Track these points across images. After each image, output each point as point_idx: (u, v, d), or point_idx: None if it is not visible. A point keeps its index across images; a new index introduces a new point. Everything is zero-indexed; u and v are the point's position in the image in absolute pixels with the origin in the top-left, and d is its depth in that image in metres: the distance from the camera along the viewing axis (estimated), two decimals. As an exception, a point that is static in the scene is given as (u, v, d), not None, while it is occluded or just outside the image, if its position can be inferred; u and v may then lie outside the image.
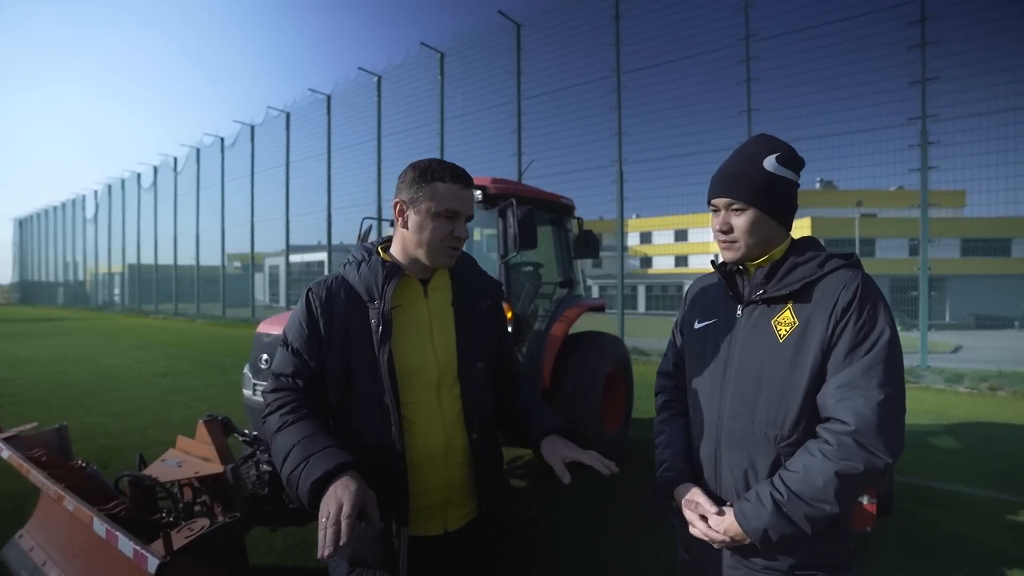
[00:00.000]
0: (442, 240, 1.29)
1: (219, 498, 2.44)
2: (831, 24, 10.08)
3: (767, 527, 1.08)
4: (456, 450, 1.34)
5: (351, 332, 1.28)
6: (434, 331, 1.35)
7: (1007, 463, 4.60)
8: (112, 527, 1.63)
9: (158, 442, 5.15)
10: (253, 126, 21.42)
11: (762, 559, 1.16)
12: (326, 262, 29.01)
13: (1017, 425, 6.01)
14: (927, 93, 8.83)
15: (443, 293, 1.41)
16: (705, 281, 1.43)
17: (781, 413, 1.14)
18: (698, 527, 1.20)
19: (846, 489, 1.05)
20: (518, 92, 13.89)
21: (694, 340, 1.35)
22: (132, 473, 2.33)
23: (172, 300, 27.57)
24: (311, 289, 1.33)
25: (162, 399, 7.19)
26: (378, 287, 1.29)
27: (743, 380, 1.20)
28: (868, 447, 1.04)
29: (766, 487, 1.12)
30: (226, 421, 2.67)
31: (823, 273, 1.15)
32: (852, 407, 1.05)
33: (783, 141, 1.21)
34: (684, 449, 1.33)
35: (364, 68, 16.83)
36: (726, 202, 1.20)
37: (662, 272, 36.87)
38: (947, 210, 16.24)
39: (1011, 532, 3.39)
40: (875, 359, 1.07)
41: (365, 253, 1.38)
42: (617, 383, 4.83)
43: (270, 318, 3.14)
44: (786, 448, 1.14)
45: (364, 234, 4.41)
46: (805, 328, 1.13)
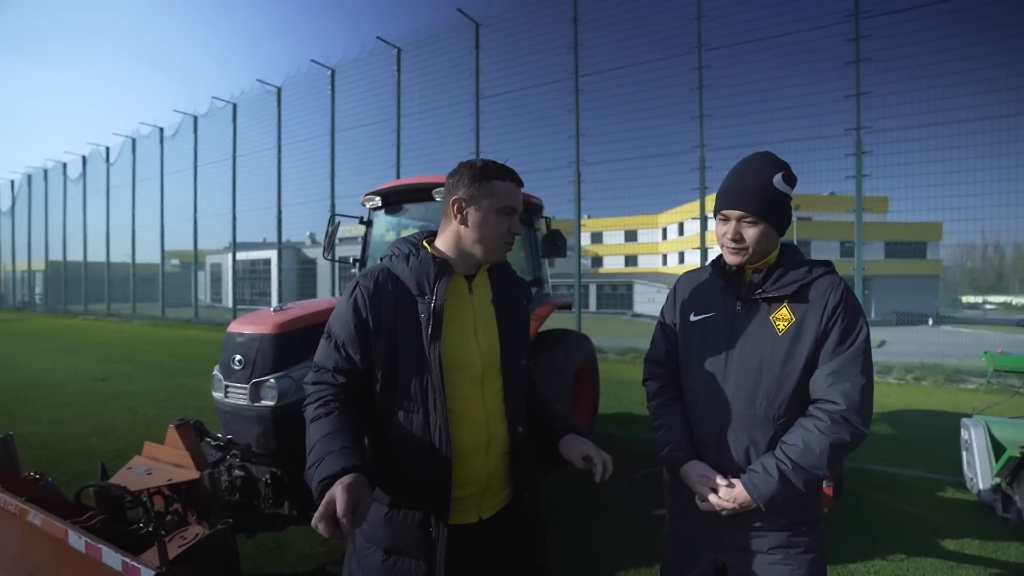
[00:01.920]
0: (502, 235, 1.35)
1: (193, 505, 2.35)
2: (776, 38, 10.66)
3: (775, 493, 1.26)
4: (497, 442, 1.37)
5: (399, 325, 1.28)
6: (478, 327, 1.38)
7: (934, 446, 5.04)
8: (93, 540, 1.55)
9: (103, 451, 4.86)
10: (196, 117, 20.34)
11: (760, 521, 1.33)
12: (274, 260, 27.93)
13: (940, 411, 6.57)
14: (861, 106, 9.49)
15: (484, 291, 1.45)
16: (692, 277, 1.57)
17: (779, 396, 1.32)
18: (710, 499, 1.32)
19: (836, 457, 1.26)
20: (476, 91, 13.85)
21: (690, 332, 1.48)
22: (99, 483, 2.20)
23: (104, 300, 25.79)
24: (358, 282, 1.33)
25: (102, 405, 6.75)
26: (429, 282, 1.30)
27: (745, 368, 1.35)
28: (853, 423, 1.25)
29: (770, 459, 1.29)
30: (198, 425, 2.57)
31: (813, 277, 1.34)
32: (842, 390, 1.26)
33: (783, 159, 1.36)
34: (685, 430, 1.44)
35: (317, 61, 16.34)
36: (739, 214, 1.34)
37: (613, 272, 37.63)
38: (873, 215, 17.51)
39: (941, 506, 3.73)
40: (857, 351, 1.29)
41: (411, 247, 1.39)
42: (585, 380, 4.94)
43: (242, 317, 3.03)
44: (780, 425, 1.33)
45: (332, 231, 4.32)
46: (801, 324, 1.32)
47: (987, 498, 3.66)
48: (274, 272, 26.99)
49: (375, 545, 1.31)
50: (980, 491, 3.74)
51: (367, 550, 1.32)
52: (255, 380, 2.71)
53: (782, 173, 1.33)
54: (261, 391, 2.71)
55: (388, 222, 4.43)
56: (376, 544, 1.30)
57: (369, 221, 4.38)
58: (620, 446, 5.14)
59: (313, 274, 21.84)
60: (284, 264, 18.89)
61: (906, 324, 18.48)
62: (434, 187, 3.75)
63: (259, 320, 2.87)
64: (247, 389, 2.72)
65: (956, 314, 30.12)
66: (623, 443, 5.26)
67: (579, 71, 12.46)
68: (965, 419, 4.14)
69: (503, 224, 1.34)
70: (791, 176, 1.35)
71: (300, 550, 3.00)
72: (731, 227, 1.36)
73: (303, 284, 21.89)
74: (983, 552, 3.05)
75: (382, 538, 1.29)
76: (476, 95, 13.87)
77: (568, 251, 4.95)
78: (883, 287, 21.45)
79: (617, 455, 4.90)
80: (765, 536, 1.34)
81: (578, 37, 12.47)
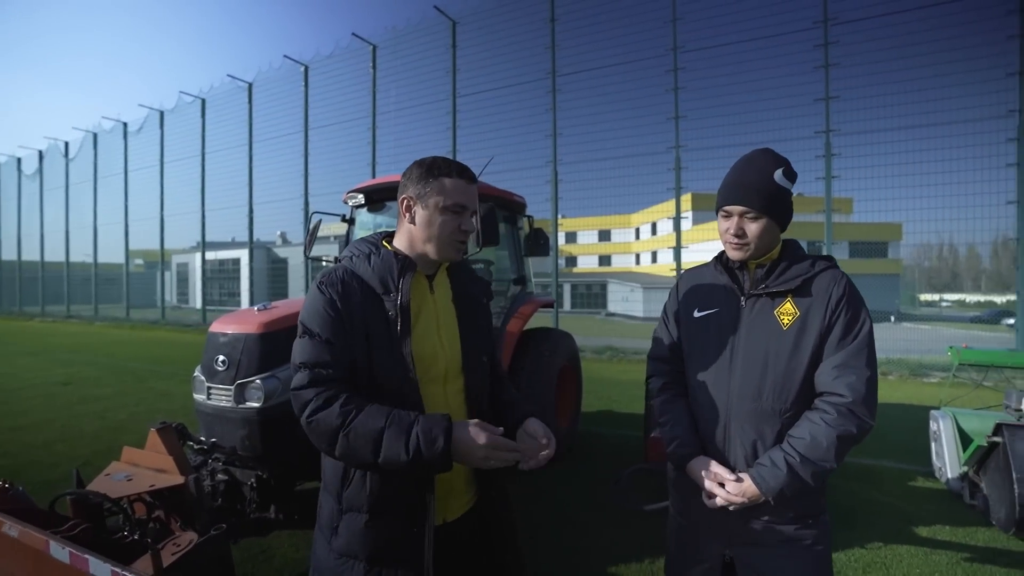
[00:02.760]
0: (451, 234, 1.31)
1: (177, 512, 2.26)
2: (749, 42, 10.92)
3: (783, 486, 1.26)
4: None
5: (369, 323, 1.25)
6: (440, 325, 1.37)
7: (903, 437, 5.23)
8: (78, 550, 1.48)
9: (71, 458, 4.66)
10: (163, 111, 19.68)
11: (768, 515, 1.33)
12: (244, 260, 27.17)
13: (907, 404, 6.83)
14: (830, 110, 9.80)
15: (444, 289, 1.43)
16: (694, 275, 1.57)
17: (785, 390, 1.32)
18: (718, 493, 1.32)
19: (843, 449, 1.26)
20: (453, 89, 13.78)
21: (694, 328, 1.48)
22: (76, 491, 2.10)
23: (63, 301, 24.74)
24: (323, 280, 1.27)
25: (67, 410, 6.46)
26: (393, 279, 1.28)
27: (751, 362, 1.35)
28: (859, 414, 1.26)
29: (778, 453, 1.29)
30: (180, 428, 2.48)
31: (816, 272, 1.36)
32: (847, 382, 1.27)
33: (783, 156, 1.37)
34: (690, 426, 1.44)
35: (290, 57, 16.00)
36: (741, 210, 1.35)
37: (587, 271, 37.84)
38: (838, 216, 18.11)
39: (911, 495, 3.88)
40: (861, 344, 1.30)
41: (371, 246, 1.36)
42: (568, 377, 4.96)
43: (224, 316, 2.93)
44: (788, 419, 1.33)
45: (313, 229, 4.23)
46: (806, 317, 1.33)
47: (955, 486, 3.82)
48: (244, 272, 26.37)
49: (353, 558, 1.23)
50: (948, 480, 3.90)
51: (342, 566, 1.25)
52: (240, 381, 2.64)
53: (783, 169, 1.35)
54: (246, 392, 2.64)
55: (371, 220, 4.37)
56: (355, 557, 1.23)
57: (352, 219, 4.31)
58: (604, 443, 5.18)
59: (284, 274, 21.41)
60: (255, 264, 18.42)
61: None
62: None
63: (243, 320, 2.79)
64: (231, 391, 2.64)
65: (915, 311, 31.37)
66: (607, 440, 5.30)
67: (556, 71, 12.52)
68: (933, 411, 4.31)
69: (452, 222, 1.30)
70: (792, 172, 1.37)
71: (285, 555, 2.93)
72: (733, 223, 1.36)
73: (274, 284, 21.43)
74: (954, 538, 3.18)
75: (363, 549, 1.23)
76: (453, 93, 13.80)
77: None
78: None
79: (601, 453, 4.93)
80: (772, 530, 1.35)
81: (555, 37, 12.53)
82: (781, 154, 1.38)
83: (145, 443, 2.47)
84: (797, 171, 1.41)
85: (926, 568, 2.83)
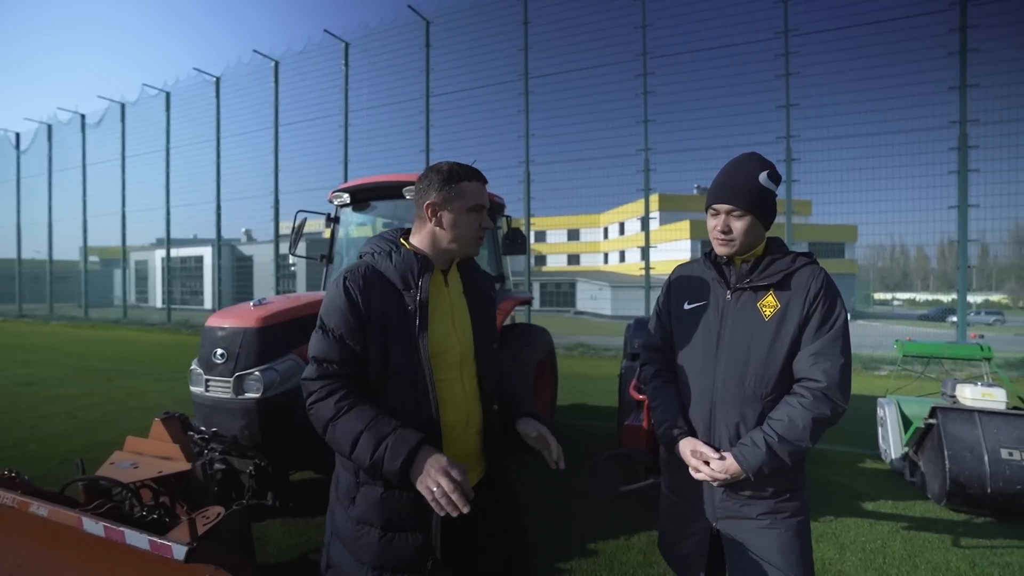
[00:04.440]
0: (475, 232, 1.47)
1: (183, 497, 2.37)
2: (715, 49, 11.39)
3: (762, 464, 1.39)
4: (474, 420, 1.51)
5: (388, 317, 1.37)
6: (455, 317, 1.51)
7: (856, 425, 5.64)
8: (112, 524, 1.60)
9: (46, 457, 4.62)
10: (124, 104, 19.03)
11: (749, 490, 1.47)
12: (207, 258, 26.45)
13: (858, 395, 7.30)
14: (790, 117, 10.33)
15: (457, 284, 1.57)
16: (684, 270, 1.71)
17: (766, 376, 1.45)
18: (703, 471, 1.45)
19: (818, 430, 1.39)
20: (427, 89, 13.84)
21: (684, 319, 1.61)
22: (88, 476, 2.19)
23: (13, 300, 23.65)
24: (346, 277, 1.39)
25: (34, 411, 6.32)
26: (414, 277, 1.41)
27: (735, 351, 1.48)
28: (833, 398, 1.39)
29: (759, 433, 1.42)
30: (183, 418, 2.58)
31: (796, 267, 1.48)
32: (823, 369, 1.39)
33: (769, 160, 1.52)
34: (679, 410, 1.57)
35: (260, 51, 15.73)
36: (728, 208, 1.47)
37: (556, 270, 38.19)
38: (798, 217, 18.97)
39: (860, 475, 4.25)
40: (836, 333, 1.43)
41: (392, 244, 1.49)
42: (545, 371, 5.18)
43: (221, 311, 3.01)
44: (768, 403, 1.46)
45: (299, 227, 4.32)
46: (786, 310, 1.45)
47: (898, 466, 4.20)
48: (209, 270, 25.69)
49: (370, 525, 1.36)
50: (892, 460, 4.28)
51: (359, 532, 1.37)
52: (239, 373, 2.74)
53: (767, 171, 1.47)
54: (245, 384, 2.74)
55: (356, 218, 4.48)
56: (371, 524, 1.36)
57: (336, 218, 4.41)
58: (578, 434, 5.41)
59: (249, 272, 20.95)
60: (216, 261, 18.01)
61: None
62: (403, 185, 3.84)
63: (241, 314, 2.89)
64: (231, 382, 2.74)
65: (869, 310, 33.07)
66: (581, 431, 5.54)
67: (529, 73, 12.73)
68: (880, 399, 4.71)
69: (475, 222, 1.45)
70: (776, 175, 1.48)
71: (280, 541, 3.04)
72: (720, 220, 1.48)
73: (239, 282, 20.97)
74: (895, 510, 3.53)
75: (378, 517, 1.36)
76: (426, 93, 13.86)
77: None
78: (807, 285, 23.14)
79: (577, 443, 5.15)
80: (754, 504, 1.46)
81: (528, 40, 12.74)
82: (766, 157, 1.52)
83: (125, 441, 2.56)
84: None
85: (870, 536, 3.15)
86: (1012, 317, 31.48)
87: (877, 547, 3.02)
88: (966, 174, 9.35)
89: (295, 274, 22.49)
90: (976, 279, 34.60)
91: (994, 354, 4.52)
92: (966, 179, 9.35)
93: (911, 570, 2.78)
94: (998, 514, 3.35)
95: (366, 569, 1.36)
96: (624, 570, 2.77)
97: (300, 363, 2.91)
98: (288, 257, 4.47)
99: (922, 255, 39.39)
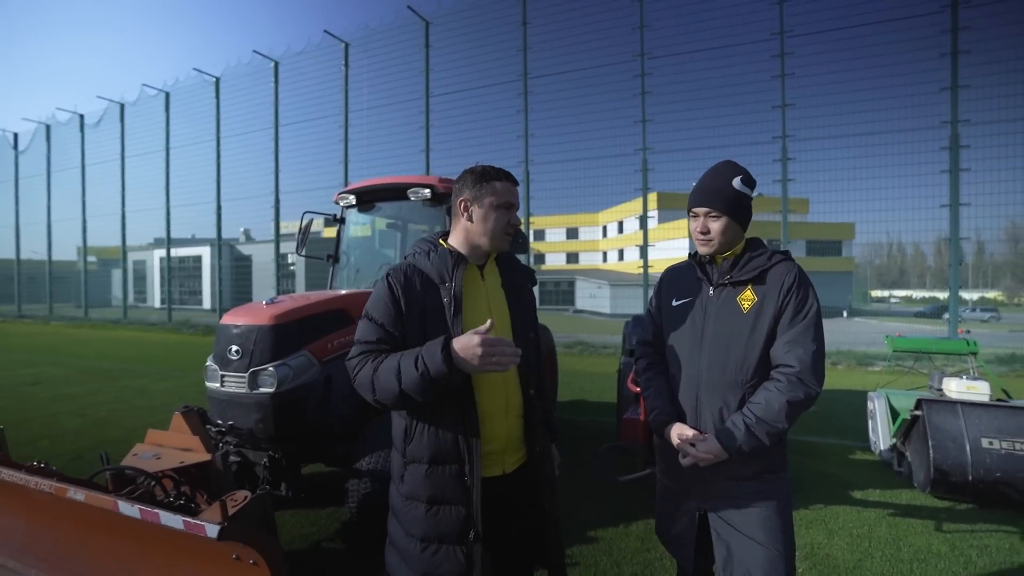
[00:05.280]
0: (503, 227, 1.58)
1: (202, 486, 2.49)
2: (711, 50, 11.53)
3: (741, 443, 1.50)
4: (514, 405, 1.62)
5: (427, 309, 1.50)
6: (491, 307, 1.62)
7: (845, 418, 5.81)
8: (147, 507, 1.72)
9: (57, 454, 4.73)
10: (123, 104, 19.09)
11: (735, 472, 1.58)
12: (206, 258, 26.53)
13: (851, 390, 7.47)
14: (786, 116, 10.48)
15: (494, 277, 1.69)
16: (672, 270, 1.86)
17: (746, 364, 1.57)
18: (689, 452, 1.56)
19: (793, 412, 1.50)
20: (426, 89, 13.95)
21: (673, 314, 1.74)
22: (114, 466, 2.32)
23: (12, 300, 23.71)
24: (389, 274, 1.54)
25: (42, 409, 6.43)
26: (448, 271, 1.54)
27: (717, 341, 1.61)
28: (806, 382, 1.50)
29: (739, 416, 1.54)
30: (201, 412, 2.70)
31: (772, 264, 1.60)
32: (796, 355, 1.51)
33: (743, 166, 1.66)
34: (669, 398, 1.70)
35: (260, 52, 15.82)
36: (706, 211, 1.60)
37: (555, 268, 38.32)
38: (795, 215, 19.13)
39: (851, 466, 4.39)
40: (809, 323, 1.55)
41: (430, 245, 1.64)
42: (546, 367, 5.30)
43: (234, 310, 3.13)
44: (748, 389, 1.58)
45: (306, 228, 4.43)
46: (762, 303, 1.58)
47: (886, 457, 4.35)
48: (208, 270, 25.76)
49: (417, 500, 1.49)
50: (881, 451, 4.43)
51: (408, 506, 1.51)
52: (253, 369, 2.86)
53: (741, 176, 1.60)
54: (259, 379, 2.86)
55: (361, 219, 4.60)
56: (418, 499, 1.49)
57: (342, 218, 4.53)
58: (578, 430, 5.55)
59: (247, 271, 21.03)
60: (217, 261, 18.10)
61: (825, 317, 20.11)
62: (408, 187, 3.93)
63: (254, 312, 3.01)
64: (245, 377, 2.86)
65: (866, 307, 33.23)
66: (581, 427, 5.68)
67: (528, 73, 12.85)
68: (870, 393, 4.85)
69: (503, 218, 1.56)
70: (750, 179, 1.62)
71: (293, 530, 3.17)
72: (700, 222, 1.62)
73: (238, 281, 21.06)
74: (882, 498, 3.67)
75: (424, 492, 1.48)
76: (426, 93, 13.97)
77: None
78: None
79: (577, 437, 5.27)
80: (740, 485, 1.57)
81: (527, 40, 12.85)
82: (740, 164, 1.66)
83: (146, 433, 2.69)
84: (756, 173, 1.68)
85: (857, 522, 3.29)
86: (1007, 314, 31.71)
87: (864, 532, 3.16)
88: (957, 173, 9.51)
89: (294, 273, 22.59)
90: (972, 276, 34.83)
91: (980, 349, 4.67)
92: (957, 178, 9.51)
93: (895, 552, 2.92)
94: (979, 500, 3.50)
95: (415, 541, 1.49)
96: (622, 555, 2.91)
97: (311, 359, 3.03)
98: (288, 256, 4.55)
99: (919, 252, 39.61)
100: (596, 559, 2.88)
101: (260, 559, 1.64)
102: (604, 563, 2.82)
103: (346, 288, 4.26)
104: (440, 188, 3.95)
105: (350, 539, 3.09)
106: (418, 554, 1.49)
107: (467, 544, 1.47)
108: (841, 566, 2.79)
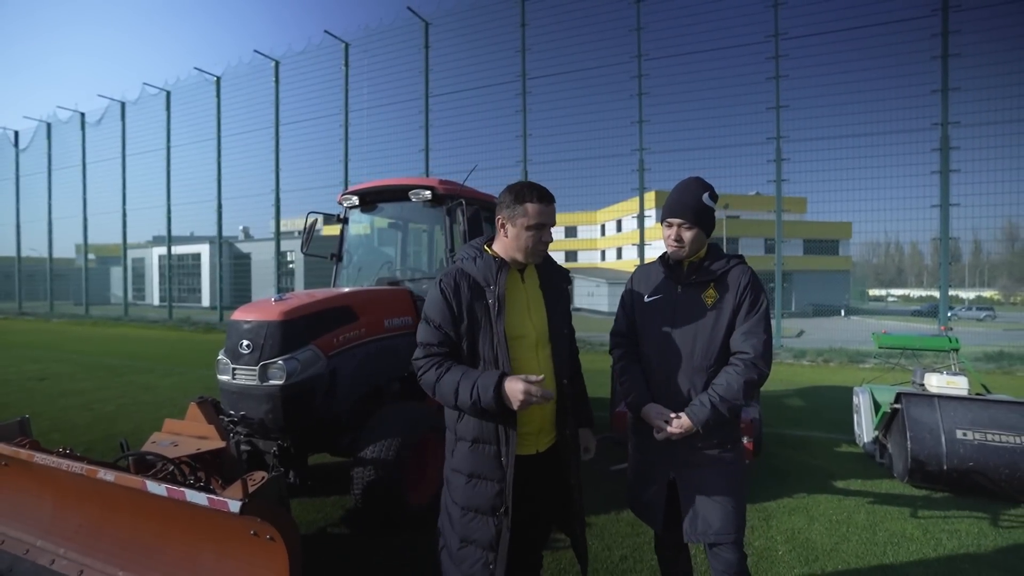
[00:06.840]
0: (535, 245, 1.77)
1: (218, 473, 2.65)
2: (707, 52, 11.69)
3: (708, 418, 1.78)
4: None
5: (474, 309, 1.72)
6: (530, 307, 1.83)
7: (835, 413, 5.97)
8: (173, 485, 1.88)
9: (71, 447, 4.87)
10: (124, 103, 19.21)
11: (700, 442, 1.85)
12: (205, 255, 26.65)
13: (841, 386, 7.64)
14: (781, 118, 10.64)
15: (533, 280, 1.88)
16: (645, 269, 2.09)
17: (709, 352, 1.85)
18: (664, 428, 1.82)
19: (749, 390, 1.79)
20: (426, 89, 14.09)
21: (646, 310, 1.99)
22: (137, 452, 2.47)
23: (12, 298, 23.82)
24: (441, 280, 1.76)
25: (50, 404, 6.57)
26: (493, 276, 1.74)
27: (685, 333, 1.88)
28: (759, 366, 1.80)
29: (705, 396, 1.82)
30: (215, 402, 2.86)
31: (730, 267, 1.90)
32: (751, 343, 1.81)
33: (709, 183, 1.90)
34: (643, 382, 1.95)
35: (261, 52, 15.94)
36: (679, 221, 1.87)
37: (554, 267, 38.24)
38: (793, 215, 19.28)
39: (836, 458, 4.55)
40: (761, 316, 1.86)
41: (476, 251, 1.82)
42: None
43: (244, 306, 3.27)
44: (711, 372, 1.85)
45: (310, 227, 4.58)
46: (722, 299, 1.87)
47: (869, 449, 4.51)
48: (207, 268, 25.87)
49: (460, 472, 1.74)
50: (864, 444, 4.59)
51: (454, 477, 1.77)
52: (264, 362, 3.01)
53: (708, 193, 1.88)
54: (269, 372, 3.01)
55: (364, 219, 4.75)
56: (461, 472, 1.74)
57: (345, 219, 4.67)
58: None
59: (246, 269, 21.16)
60: (216, 259, 18.22)
61: (822, 315, 20.35)
62: (409, 189, 4.07)
63: (264, 309, 3.16)
64: (256, 370, 3.01)
65: (863, 306, 33.43)
66: (576, 420, 5.84)
67: (526, 74, 12.99)
68: (856, 388, 5.02)
69: (534, 237, 1.75)
70: (715, 195, 1.90)
71: (300, 516, 3.32)
72: (674, 231, 1.88)
73: (236, 279, 21.20)
74: (863, 488, 3.84)
75: (466, 466, 1.73)
76: (425, 93, 14.10)
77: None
78: (802, 281, 23.38)
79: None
80: (703, 454, 1.85)
81: (526, 41, 12.99)
82: (708, 181, 1.92)
83: (163, 423, 2.84)
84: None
85: (837, 509, 3.46)
86: (1004, 313, 31.96)
87: (843, 518, 3.33)
88: (947, 174, 9.68)
89: (293, 271, 22.72)
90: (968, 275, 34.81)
91: (961, 346, 4.84)
92: (947, 179, 9.68)
93: (870, 536, 3.09)
94: (954, 489, 3.67)
95: (457, 508, 1.74)
96: (613, 539, 3.07)
97: (319, 353, 3.18)
98: (287, 254, 4.69)
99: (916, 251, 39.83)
100: (588, 543, 3.01)
101: (277, 534, 1.79)
102: (596, 546, 2.98)
103: (349, 286, 4.41)
104: (440, 190, 4.08)
105: (355, 525, 3.25)
106: (459, 519, 1.73)
107: (498, 516, 1.69)
108: (819, 548, 2.95)
